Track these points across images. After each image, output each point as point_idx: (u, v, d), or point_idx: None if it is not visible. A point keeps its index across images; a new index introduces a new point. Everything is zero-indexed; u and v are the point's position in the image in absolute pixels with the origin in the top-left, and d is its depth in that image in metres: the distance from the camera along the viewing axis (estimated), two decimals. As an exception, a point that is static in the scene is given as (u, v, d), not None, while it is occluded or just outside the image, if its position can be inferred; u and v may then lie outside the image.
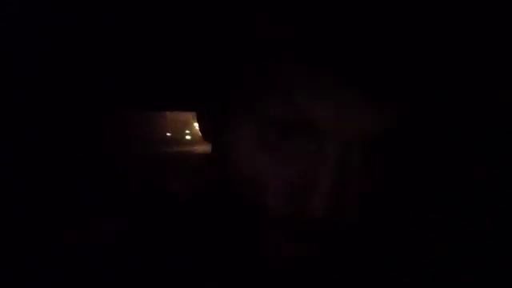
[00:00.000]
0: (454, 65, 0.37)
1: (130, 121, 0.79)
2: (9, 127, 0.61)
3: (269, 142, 0.38)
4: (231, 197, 0.40)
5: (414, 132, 0.40)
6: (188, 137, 0.98)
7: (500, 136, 0.50)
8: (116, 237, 0.49)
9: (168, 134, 0.85)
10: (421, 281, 0.47)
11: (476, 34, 0.37)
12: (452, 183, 0.52)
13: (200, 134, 0.47)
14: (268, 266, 0.40)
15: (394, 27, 0.35)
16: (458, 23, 0.36)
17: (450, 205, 0.51)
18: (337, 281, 0.43)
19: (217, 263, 0.44)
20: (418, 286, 0.47)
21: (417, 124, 0.40)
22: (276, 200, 0.37)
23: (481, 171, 0.51)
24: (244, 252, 0.41)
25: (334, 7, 0.36)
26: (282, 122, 0.37)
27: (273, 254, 0.39)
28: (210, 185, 0.44)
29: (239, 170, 0.39)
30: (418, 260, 0.48)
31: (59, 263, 0.46)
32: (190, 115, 0.90)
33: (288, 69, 0.36)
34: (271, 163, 0.38)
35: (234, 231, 0.41)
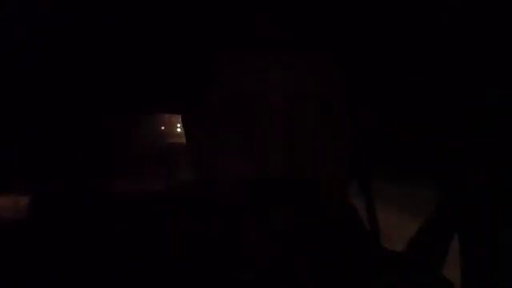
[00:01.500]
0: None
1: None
2: (9, 127, 0.61)
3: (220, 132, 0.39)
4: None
5: None
6: (179, 130, 1.00)
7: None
8: (116, 233, 0.49)
9: (162, 128, 0.87)
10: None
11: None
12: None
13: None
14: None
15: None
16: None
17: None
18: None
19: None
20: None
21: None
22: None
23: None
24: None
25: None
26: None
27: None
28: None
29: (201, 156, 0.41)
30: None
31: (58, 263, 0.47)
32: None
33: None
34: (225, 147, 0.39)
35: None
